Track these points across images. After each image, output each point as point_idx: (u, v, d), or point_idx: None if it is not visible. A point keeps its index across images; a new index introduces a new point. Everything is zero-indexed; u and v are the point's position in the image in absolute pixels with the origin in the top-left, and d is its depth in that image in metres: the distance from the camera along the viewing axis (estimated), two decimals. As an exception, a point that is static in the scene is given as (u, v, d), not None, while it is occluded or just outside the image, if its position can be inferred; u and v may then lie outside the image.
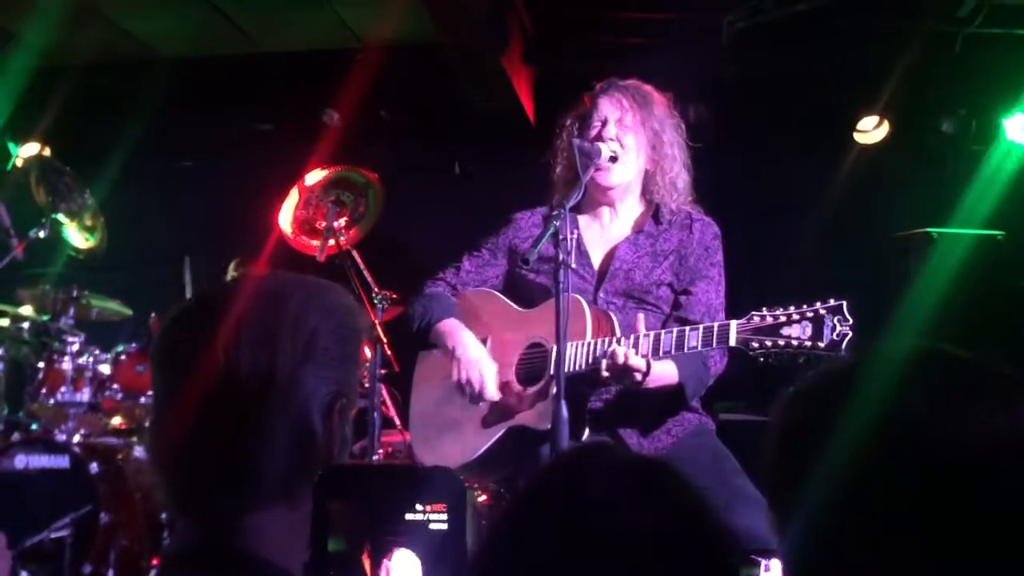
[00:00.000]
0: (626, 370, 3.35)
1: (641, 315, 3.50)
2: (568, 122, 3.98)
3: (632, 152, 3.82)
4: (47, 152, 7.21)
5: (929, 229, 6.21)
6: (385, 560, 1.53)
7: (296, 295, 1.62)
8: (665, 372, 3.49)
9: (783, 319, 3.16)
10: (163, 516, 5.20)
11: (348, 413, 1.64)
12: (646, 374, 3.37)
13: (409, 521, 1.58)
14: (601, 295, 3.75)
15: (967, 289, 5.89)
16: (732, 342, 3.23)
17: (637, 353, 3.35)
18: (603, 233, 3.91)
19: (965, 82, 6.86)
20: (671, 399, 3.64)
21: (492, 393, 3.70)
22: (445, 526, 1.61)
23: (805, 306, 3.16)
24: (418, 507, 1.61)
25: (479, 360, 3.74)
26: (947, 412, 1.25)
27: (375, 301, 5.50)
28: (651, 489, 1.33)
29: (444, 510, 1.61)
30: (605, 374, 3.40)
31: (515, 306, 3.86)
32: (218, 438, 1.53)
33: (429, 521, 1.60)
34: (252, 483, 1.53)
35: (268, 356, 1.54)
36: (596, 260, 3.84)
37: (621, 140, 3.80)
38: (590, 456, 1.42)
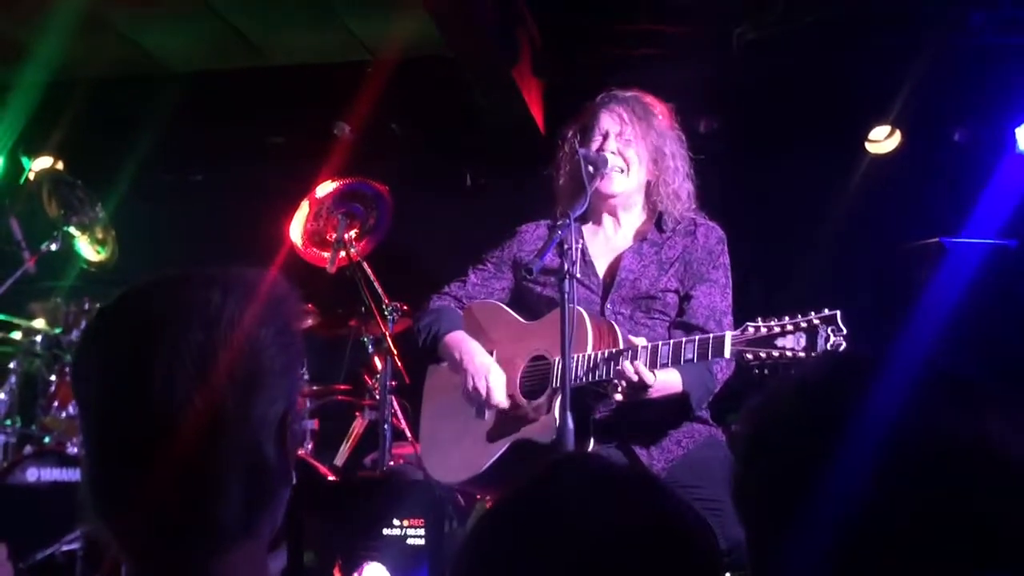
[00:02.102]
0: (637, 385, 3.35)
1: (624, 330, 3.49)
2: (570, 134, 3.98)
3: (634, 165, 3.83)
4: (59, 166, 7.24)
5: (941, 239, 6.18)
6: (355, 574, 1.51)
7: (228, 303, 1.40)
8: (669, 381, 3.48)
9: (777, 330, 3.14)
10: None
11: (299, 419, 1.45)
12: (651, 385, 3.37)
13: (386, 536, 1.54)
14: (608, 305, 3.75)
15: (980, 299, 5.86)
16: (727, 354, 3.22)
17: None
18: (607, 243, 3.91)
19: (977, 92, 6.84)
20: (679, 409, 3.63)
21: (501, 398, 3.70)
22: (423, 541, 1.58)
23: (799, 316, 3.13)
24: (395, 522, 1.56)
25: (487, 366, 3.73)
26: (942, 423, 1.23)
27: (386, 313, 5.51)
28: (629, 501, 1.32)
29: (422, 525, 1.57)
30: (617, 394, 3.40)
31: (519, 318, 3.85)
32: (166, 494, 1.35)
33: (407, 536, 1.57)
34: (211, 533, 1.38)
35: (210, 394, 1.35)
36: (601, 270, 3.84)
37: (623, 154, 3.80)
38: (570, 467, 1.41)
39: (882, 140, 7.08)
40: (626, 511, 1.29)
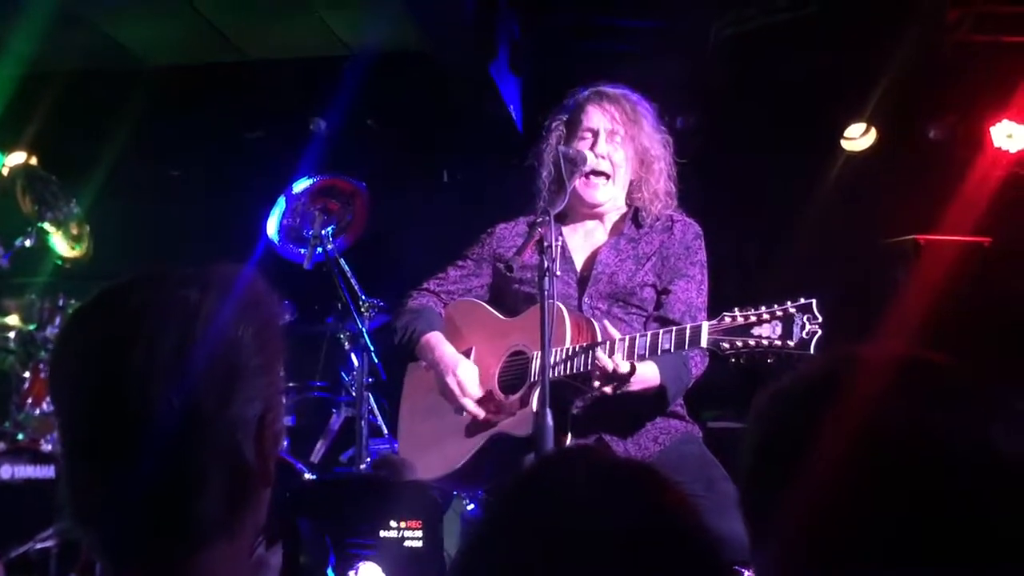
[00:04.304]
0: (613, 375, 3.34)
1: (606, 321, 3.48)
2: (553, 125, 3.95)
3: (621, 169, 3.82)
4: (33, 161, 7.18)
5: (916, 236, 6.22)
6: (350, 573, 1.50)
7: (206, 301, 1.39)
8: (647, 375, 3.48)
9: (753, 319, 3.14)
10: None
11: (279, 419, 1.45)
12: (631, 374, 3.36)
13: (383, 538, 1.53)
14: (586, 300, 3.74)
15: (954, 295, 5.89)
16: (704, 343, 3.21)
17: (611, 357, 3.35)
18: (586, 239, 3.91)
19: (952, 89, 6.87)
20: (655, 404, 3.63)
21: (473, 391, 3.69)
22: (420, 543, 1.56)
23: (775, 305, 3.13)
24: (392, 524, 1.55)
25: (455, 362, 3.74)
26: (936, 421, 1.23)
27: (363, 309, 5.50)
28: (632, 493, 1.33)
29: (420, 527, 1.56)
30: (596, 383, 3.40)
31: (497, 315, 3.85)
32: (143, 494, 1.34)
33: (404, 538, 1.56)
34: (189, 533, 1.36)
35: (187, 392, 1.33)
36: (578, 265, 3.84)
37: (611, 157, 3.80)
38: (572, 459, 1.42)
39: (858, 138, 7.11)
40: (636, 510, 1.30)
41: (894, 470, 1.21)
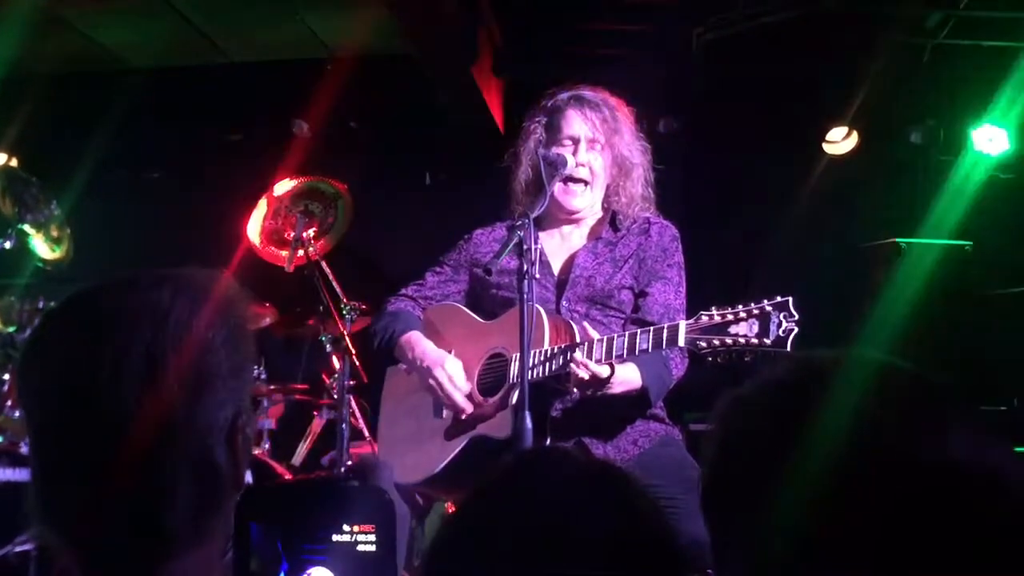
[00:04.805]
0: (591, 378, 3.35)
1: (586, 323, 3.49)
2: (532, 127, 3.94)
3: (599, 179, 3.83)
4: (14, 163, 7.14)
5: (898, 239, 6.23)
6: (301, 577, 1.49)
7: (177, 305, 1.38)
8: (629, 378, 3.49)
9: (730, 318, 3.15)
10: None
11: (250, 423, 1.45)
12: (610, 377, 3.37)
13: (336, 542, 1.52)
14: (564, 303, 3.75)
15: (935, 299, 5.91)
16: (681, 342, 3.22)
17: (591, 359, 3.35)
18: (563, 242, 3.91)
19: (933, 93, 6.90)
20: (635, 406, 3.63)
21: (463, 384, 3.68)
22: (374, 548, 1.56)
23: (752, 304, 3.14)
24: (345, 528, 1.54)
25: (443, 358, 3.72)
26: (907, 429, 1.22)
27: (344, 312, 5.49)
28: (606, 496, 1.33)
29: (373, 531, 1.55)
30: (572, 386, 3.40)
31: (476, 318, 3.84)
32: (113, 500, 1.33)
33: (357, 542, 1.55)
34: (160, 540, 1.35)
35: (158, 398, 1.32)
36: (556, 268, 3.84)
37: (591, 165, 3.80)
38: (547, 460, 1.42)
39: (839, 141, 7.12)
40: (609, 513, 1.30)
41: (858, 476, 1.20)
